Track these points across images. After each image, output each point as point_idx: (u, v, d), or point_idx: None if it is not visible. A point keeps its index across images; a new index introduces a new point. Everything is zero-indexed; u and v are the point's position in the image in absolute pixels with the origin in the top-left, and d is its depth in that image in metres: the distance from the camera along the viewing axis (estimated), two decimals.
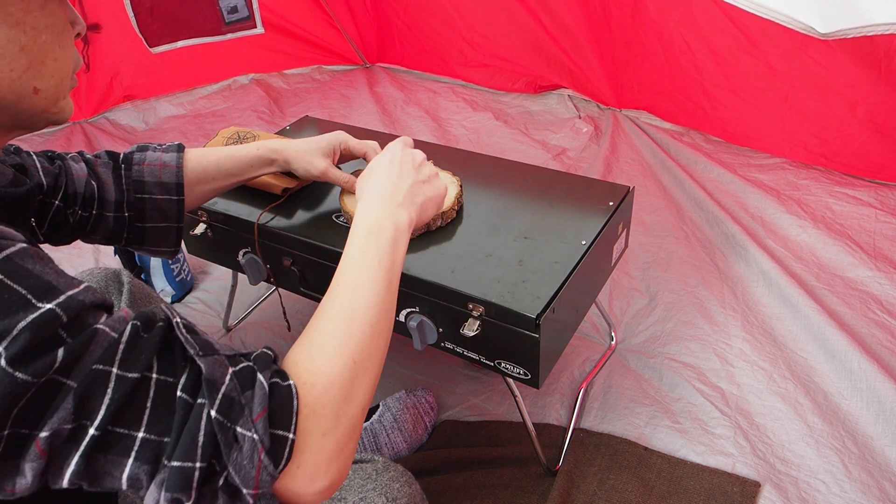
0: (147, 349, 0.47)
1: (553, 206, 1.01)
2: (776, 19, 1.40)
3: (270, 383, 0.51)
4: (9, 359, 0.41)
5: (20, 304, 0.43)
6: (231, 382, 0.49)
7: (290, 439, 0.50)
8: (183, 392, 0.47)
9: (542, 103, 2.14)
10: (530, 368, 0.84)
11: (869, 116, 1.45)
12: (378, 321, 0.59)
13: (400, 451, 1.08)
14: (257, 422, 0.48)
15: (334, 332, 0.57)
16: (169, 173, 0.86)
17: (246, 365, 0.51)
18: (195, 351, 0.49)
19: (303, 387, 0.52)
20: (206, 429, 0.47)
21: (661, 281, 1.38)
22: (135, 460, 0.46)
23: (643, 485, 0.99)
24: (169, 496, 0.46)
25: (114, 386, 0.45)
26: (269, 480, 0.49)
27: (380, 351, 0.59)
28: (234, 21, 2.33)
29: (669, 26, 1.65)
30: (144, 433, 0.46)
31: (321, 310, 0.59)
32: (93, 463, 0.45)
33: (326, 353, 0.55)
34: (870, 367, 1.08)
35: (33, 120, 0.57)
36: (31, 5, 0.52)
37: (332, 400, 0.53)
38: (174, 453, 0.46)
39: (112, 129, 2.25)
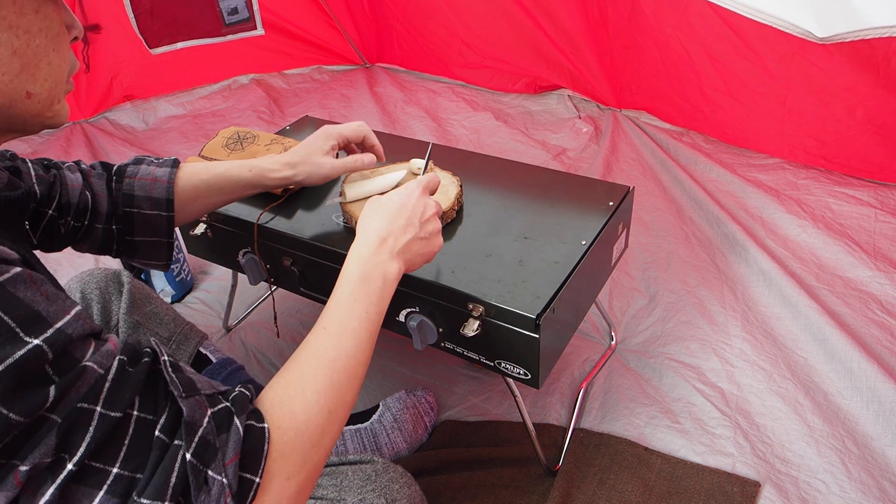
0: (131, 387, 0.49)
1: (553, 206, 1.01)
2: (774, 24, 1.40)
3: (246, 426, 0.53)
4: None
5: (7, 336, 0.43)
6: (208, 425, 0.51)
7: (256, 483, 0.52)
8: (161, 433, 0.49)
9: (542, 103, 2.14)
10: (530, 368, 0.84)
11: (868, 118, 1.45)
12: (356, 371, 0.62)
13: (400, 450, 1.08)
14: (228, 466, 0.51)
15: (315, 377, 0.59)
16: (159, 188, 0.85)
17: (223, 406, 0.53)
18: (178, 392, 0.51)
19: (276, 431, 0.55)
20: (180, 470, 0.49)
21: (661, 281, 1.38)
22: (106, 493, 0.47)
23: (643, 485, 0.99)
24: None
25: (96, 424, 0.46)
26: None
27: (352, 399, 0.62)
28: (235, 22, 2.33)
29: (666, 31, 1.65)
30: (119, 469, 0.48)
31: (305, 348, 0.61)
32: (66, 493, 0.46)
33: (305, 399, 0.58)
34: (870, 367, 1.08)
35: (27, 124, 0.57)
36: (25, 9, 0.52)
37: (302, 445, 0.56)
38: (145, 490, 0.48)
39: (112, 129, 2.25)
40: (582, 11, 1.84)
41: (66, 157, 2.10)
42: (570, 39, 1.94)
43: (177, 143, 2.16)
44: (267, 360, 1.28)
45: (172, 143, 2.17)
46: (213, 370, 1.10)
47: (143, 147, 2.15)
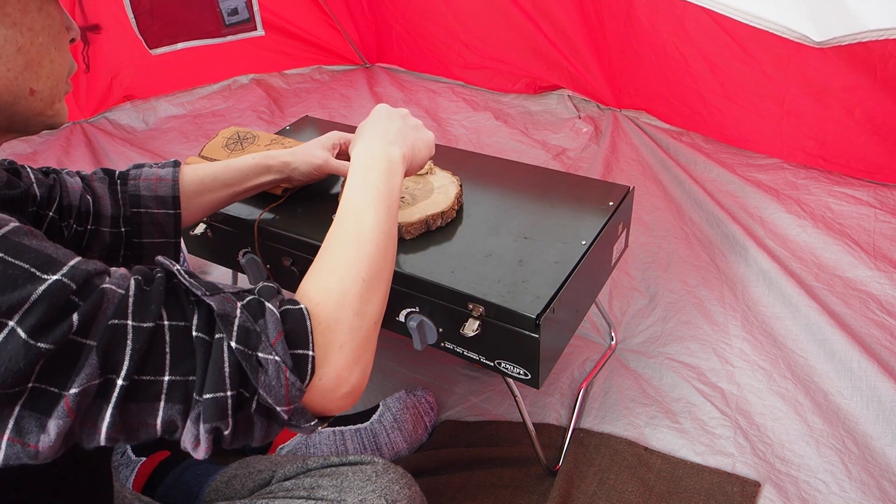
0: (154, 300, 0.49)
1: (553, 206, 1.01)
2: (770, 29, 1.40)
3: (281, 310, 0.53)
4: (28, 331, 0.42)
5: (25, 277, 0.44)
6: (243, 315, 0.51)
7: (310, 356, 0.53)
8: (198, 332, 0.50)
9: (541, 103, 2.14)
10: (530, 368, 0.84)
11: (867, 118, 1.45)
12: (382, 242, 0.63)
13: (400, 450, 1.08)
14: (276, 345, 0.51)
15: (341, 254, 0.61)
16: (165, 187, 0.86)
17: (252, 298, 0.54)
18: (202, 292, 0.51)
19: (315, 307, 0.56)
20: (230, 359, 0.49)
21: (661, 281, 1.38)
22: (166, 402, 0.48)
23: (643, 485, 0.99)
24: (208, 426, 0.49)
25: (132, 337, 0.47)
26: (299, 395, 0.52)
27: (387, 271, 0.63)
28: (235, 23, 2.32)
29: (662, 36, 1.65)
30: (170, 376, 0.48)
31: (327, 240, 0.62)
32: (126, 414, 0.47)
33: (336, 274, 0.59)
34: (870, 367, 1.08)
35: (29, 122, 0.58)
36: (29, 7, 0.53)
37: (345, 314, 0.56)
38: (204, 387, 0.48)
39: (112, 129, 2.25)
40: (580, 15, 1.85)
41: (66, 156, 2.09)
42: (569, 41, 1.95)
43: (177, 143, 2.16)
44: None
45: (172, 143, 2.17)
46: None
47: (142, 147, 2.15)
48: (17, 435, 0.44)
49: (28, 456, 0.45)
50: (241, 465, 0.92)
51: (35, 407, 0.44)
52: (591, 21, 1.83)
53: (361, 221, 0.63)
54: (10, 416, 0.43)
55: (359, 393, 0.58)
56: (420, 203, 0.97)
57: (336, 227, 0.63)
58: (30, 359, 0.42)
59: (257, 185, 0.94)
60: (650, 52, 1.72)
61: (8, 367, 0.42)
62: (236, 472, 0.91)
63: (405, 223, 0.93)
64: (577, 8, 1.84)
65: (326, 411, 0.56)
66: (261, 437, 0.53)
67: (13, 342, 0.42)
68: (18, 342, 0.42)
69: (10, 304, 0.42)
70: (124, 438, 0.48)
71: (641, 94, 1.88)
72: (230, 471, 0.93)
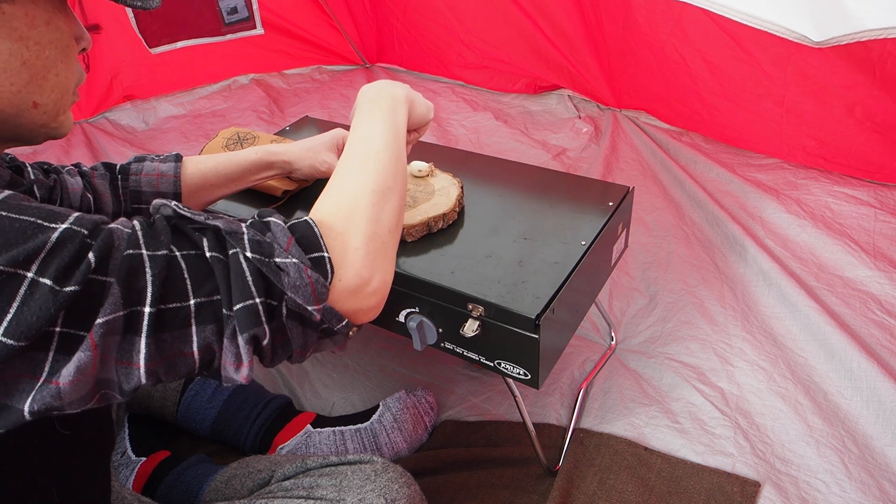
0: (162, 233, 0.50)
1: (553, 206, 1.01)
2: (769, 29, 1.40)
3: (288, 224, 0.55)
4: (53, 278, 0.42)
5: (35, 228, 0.44)
6: (249, 231, 0.52)
7: (325, 256, 0.54)
8: (211, 251, 0.50)
9: (542, 103, 2.14)
10: (530, 369, 0.84)
11: (867, 117, 1.45)
12: (391, 162, 0.64)
13: (400, 451, 1.08)
14: (290, 249, 0.52)
15: (350, 172, 0.62)
16: (166, 183, 0.86)
17: (254, 219, 0.55)
18: (205, 217, 0.52)
19: (326, 216, 0.57)
20: (250, 268, 0.50)
21: (661, 281, 1.38)
22: (198, 325, 0.48)
23: (643, 485, 0.99)
24: (246, 336, 0.49)
25: (150, 264, 0.47)
26: (325, 292, 0.53)
27: (398, 186, 0.64)
28: (234, 22, 2.32)
29: (661, 38, 1.65)
30: (195, 299, 0.48)
31: (336, 168, 0.63)
32: (161, 345, 0.47)
33: (346, 189, 0.60)
34: (870, 367, 1.08)
35: (32, 134, 0.58)
36: (37, 20, 0.52)
37: (357, 220, 0.57)
38: (231, 300, 0.49)
39: (112, 129, 2.25)
40: (579, 15, 1.85)
41: (66, 157, 2.09)
42: (568, 41, 1.94)
43: (177, 143, 2.16)
44: None
45: (172, 143, 2.17)
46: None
47: (143, 147, 2.15)
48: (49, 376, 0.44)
49: (52, 395, 0.44)
50: (240, 465, 0.92)
51: (66, 350, 0.44)
52: (590, 22, 1.84)
53: (368, 144, 0.64)
54: (45, 360, 0.43)
55: (382, 297, 0.59)
56: (421, 205, 0.97)
57: (344, 154, 0.64)
58: (59, 304, 0.42)
59: (259, 179, 0.94)
60: (649, 53, 1.72)
61: (39, 316, 0.42)
62: (236, 471, 0.91)
63: (407, 225, 0.93)
64: (575, 8, 1.84)
65: (354, 314, 0.56)
66: (299, 343, 0.53)
67: (39, 292, 0.42)
68: (45, 290, 0.42)
69: (26, 253, 0.42)
70: (164, 373, 0.48)
71: (641, 95, 1.88)
72: (230, 471, 0.93)
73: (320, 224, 0.56)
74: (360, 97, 0.72)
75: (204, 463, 1.00)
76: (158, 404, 1.09)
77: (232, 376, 0.51)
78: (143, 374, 0.47)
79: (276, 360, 0.54)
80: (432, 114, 0.84)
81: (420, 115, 0.80)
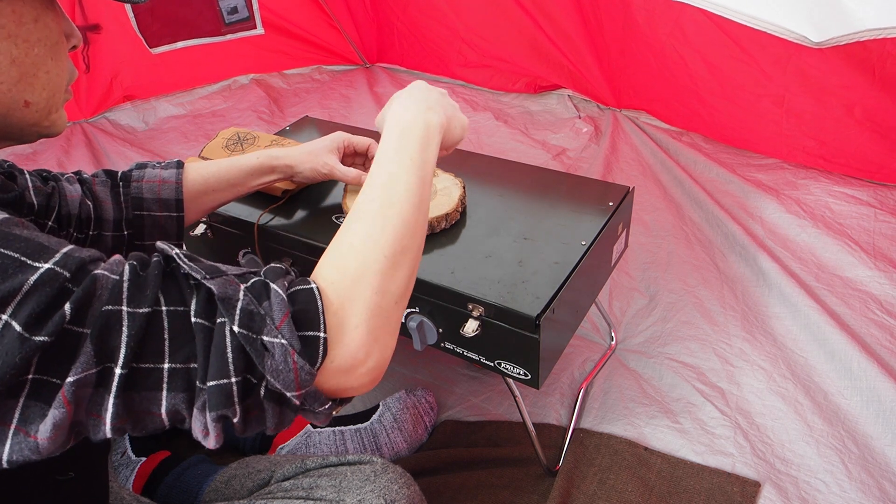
0: (150, 284, 0.47)
1: (553, 206, 1.01)
2: (768, 30, 1.40)
3: (289, 291, 0.50)
4: (23, 324, 0.41)
5: (16, 266, 0.42)
6: (246, 297, 0.48)
7: (321, 338, 0.49)
8: (198, 318, 0.47)
9: (542, 103, 2.14)
10: (530, 369, 0.84)
11: (866, 117, 1.45)
12: (411, 216, 0.57)
13: (400, 451, 1.08)
14: (282, 327, 0.48)
15: (364, 228, 0.56)
16: (168, 189, 0.85)
17: (257, 280, 0.51)
18: (202, 275, 0.49)
19: (329, 285, 0.52)
20: (233, 344, 0.47)
21: (661, 281, 1.38)
22: (168, 391, 0.46)
23: (643, 485, 0.99)
24: (214, 415, 0.47)
25: (128, 323, 0.45)
26: (309, 379, 0.49)
27: (415, 245, 0.58)
28: (234, 22, 2.32)
29: (660, 39, 1.65)
30: (170, 363, 0.46)
31: (352, 211, 0.58)
32: (129, 403, 0.46)
33: (355, 250, 0.54)
34: (870, 367, 1.08)
35: (23, 133, 0.57)
36: (24, 17, 0.52)
37: (362, 294, 0.52)
38: (207, 374, 0.46)
39: (112, 130, 2.25)
40: (579, 15, 1.85)
41: (66, 157, 2.09)
42: (569, 40, 1.95)
43: (177, 143, 2.16)
44: None
45: (172, 143, 2.16)
46: None
47: (142, 147, 2.14)
48: (22, 424, 0.43)
49: (30, 448, 0.44)
50: (240, 466, 0.92)
51: (38, 397, 0.43)
52: (590, 22, 1.84)
53: (390, 191, 0.58)
54: (15, 407, 0.43)
55: (379, 374, 0.54)
56: None
57: (362, 197, 0.58)
58: (26, 352, 0.41)
59: (260, 184, 0.94)
60: (648, 54, 1.72)
61: (5, 361, 0.41)
62: (235, 472, 0.91)
63: None
64: (575, 8, 1.84)
65: (344, 393, 0.52)
66: (274, 423, 0.50)
67: (8, 336, 0.41)
68: (13, 336, 0.41)
69: (1, 295, 0.41)
70: (131, 428, 0.47)
71: (641, 95, 1.88)
72: (229, 471, 0.93)
73: (323, 294, 0.51)
74: (392, 116, 0.65)
75: (204, 463, 1.00)
76: None
77: (200, 440, 0.49)
78: (108, 429, 0.46)
79: (249, 434, 0.51)
80: (467, 132, 0.77)
81: (454, 139, 0.74)
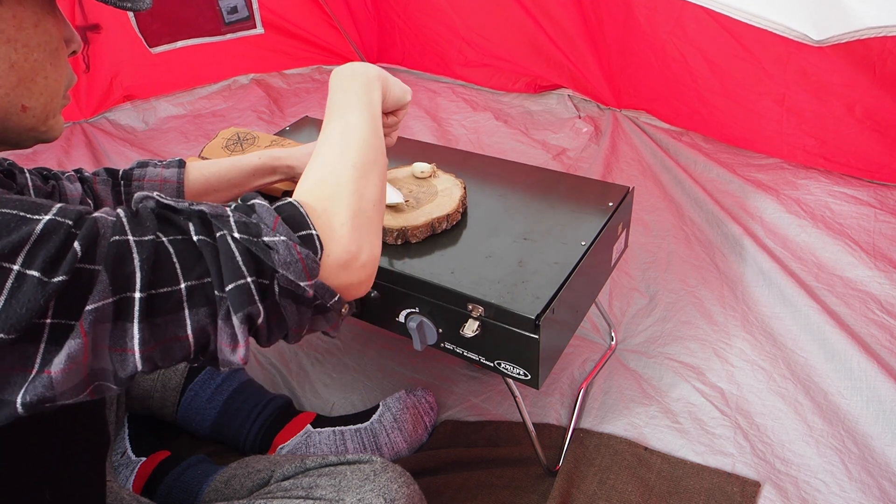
0: (147, 220, 0.49)
1: (553, 206, 1.01)
2: (770, 28, 1.41)
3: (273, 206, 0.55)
4: (40, 269, 0.42)
5: (18, 220, 0.43)
6: (235, 213, 0.52)
7: (314, 234, 0.54)
8: (199, 236, 0.50)
9: (541, 103, 2.14)
10: (530, 369, 0.84)
11: (867, 116, 1.45)
12: (369, 137, 0.64)
13: (400, 451, 1.08)
14: (277, 227, 0.52)
15: (329, 150, 0.62)
16: (169, 189, 0.86)
17: (238, 202, 0.56)
18: (189, 203, 0.52)
19: (309, 195, 0.57)
20: (239, 248, 0.50)
21: (661, 281, 1.38)
22: (190, 309, 0.48)
23: (643, 485, 0.99)
24: (240, 316, 0.49)
25: (137, 250, 0.47)
26: (316, 267, 0.53)
27: (379, 161, 0.64)
28: (234, 21, 2.33)
29: (661, 37, 1.65)
30: (185, 283, 0.48)
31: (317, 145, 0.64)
32: (154, 330, 0.47)
33: (326, 166, 0.60)
34: (870, 367, 1.08)
35: (20, 137, 0.57)
36: (24, 22, 0.52)
37: (341, 195, 0.58)
38: (223, 281, 0.49)
39: (112, 130, 2.25)
40: (580, 14, 1.85)
41: (66, 157, 2.10)
42: (569, 39, 1.95)
43: (177, 143, 2.16)
44: (267, 360, 1.28)
45: (172, 143, 2.17)
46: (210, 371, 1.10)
47: (143, 147, 2.15)
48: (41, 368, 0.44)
49: (43, 385, 0.44)
50: (240, 466, 0.92)
51: (57, 341, 0.44)
52: (590, 20, 1.84)
53: (346, 120, 0.64)
54: (37, 353, 0.43)
55: (371, 270, 0.59)
56: (425, 206, 0.97)
57: (322, 133, 0.64)
58: (47, 294, 0.42)
59: (261, 185, 0.94)
60: (649, 52, 1.72)
61: (28, 308, 0.41)
62: (235, 472, 0.91)
63: (410, 227, 0.93)
64: (576, 6, 1.84)
65: (345, 288, 0.56)
66: (294, 321, 0.53)
67: (27, 284, 0.42)
68: (32, 282, 0.42)
69: (10, 246, 0.42)
70: (160, 358, 0.48)
71: (641, 94, 1.88)
72: (229, 471, 0.93)
73: (304, 204, 0.56)
74: (332, 79, 0.72)
75: (204, 463, 1.01)
76: (158, 404, 1.09)
77: (229, 358, 0.51)
78: (138, 360, 0.47)
79: (273, 339, 0.54)
80: (409, 96, 0.83)
81: (396, 97, 0.79)
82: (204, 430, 1.10)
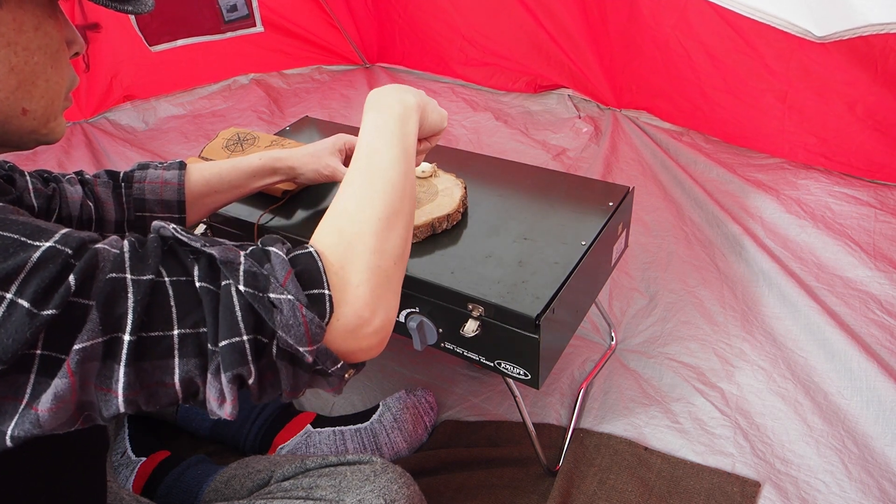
0: (151, 255, 0.47)
1: (553, 206, 1.01)
2: (772, 23, 1.41)
3: (289, 256, 0.51)
4: (31, 300, 0.41)
5: (17, 245, 0.42)
6: (247, 261, 0.49)
7: (326, 294, 0.50)
8: (202, 282, 0.47)
9: (542, 103, 2.14)
10: (530, 369, 0.84)
11: (868, 114, 1.45)
12: (399, 181, 0.59)
13: (400, 450, 1.08)
14: (287, 284, 0.48)
15: (355, 194, 0.57)
16: (170, 191, 0.85)
17: (254, 247, 0.52)
18: (200, 244, 0.49)
19: (327, 248, 0.53)
20: (241, 303, 0.47)
21: (661, 281, 1.38)
22: (180, 358, 0.46)
23: (643, 485, 0.99)
24: (229, 375, 0.46)
25: (133, 290, 0.45)
26: (320, 333, 0.49)
27: (406, 208, 0.59)
28: (234, 19, 2.32)
29: (665, 31, 1.65)
30: (179, 330, 0.46)
31: (343, 183, 0.60)
32: (140, 374, 0.45)
33: (348, 214, 0.56)
34: (870, 367, 1.08)
35: (22, 140, 0.56)
36: (25, 25, 0.51)
37: (361, 254, 0.53)
38: (218, 335, 0.46)
39: (112, 130, 2.25)
40: (581, 10, 1.84)
41: (67, 157, 2.09)
42: (570, 37, 1.94)
43: (177, 144, 2.16)
44: None
45: (172, 143, 2.16)
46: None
47: (143, 147, 2.14)
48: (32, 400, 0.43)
49: (31, 422, 0.43)
50: (240, 466, 0.92)
51: (46, 373, 0.43)
52: (593, 16, 1.83)
53: (375, 161, 0.60)
54: (27, 383, 0.42)
55: (385, 335, 0.55)
56: (425, 206, 0.97)
57: (349, 171, 0.60)
58: (35, 327, 0.41)
59: (262, 186, 0.94)
60: (653, 47, 1.72)
61: (15, 339, 0.40)
62: (235, 472, 0.91)
63: None
64: (577, 2, 1.84)
65: (352, 354, 0.53)
66: (289, 385, 0.50)
67: (16, 314, 0.41)
68: (21, 313, 0.41)
69: (5, 272, 0.41)
70: (144, 402, 0.46)
71: (643, 91, 1.88)
72: (229, 471, 0.93)
73: (322, 255, 0.52)
74: (368, 104, 0.68)
75: (204, 463, 1.01)
76: None
77: (216, 411, 0.48)
78: (121, 402, 0.45)
79: (265, 399, 0.51)
80: (446, 122, 0.79)
81: (433, 124, 0.75)
82: (204, 431, 1.10)
